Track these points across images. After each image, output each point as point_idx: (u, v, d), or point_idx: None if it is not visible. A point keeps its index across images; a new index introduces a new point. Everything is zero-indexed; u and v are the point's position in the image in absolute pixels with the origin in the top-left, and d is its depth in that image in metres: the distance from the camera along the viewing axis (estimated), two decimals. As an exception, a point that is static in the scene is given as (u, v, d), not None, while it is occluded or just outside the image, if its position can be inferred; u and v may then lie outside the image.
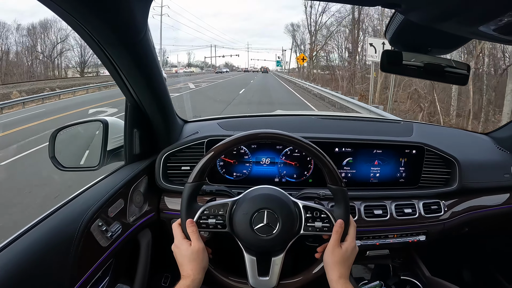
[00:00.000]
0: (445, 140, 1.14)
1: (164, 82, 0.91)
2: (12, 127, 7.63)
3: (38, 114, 9.61)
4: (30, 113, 10.04)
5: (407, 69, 0.87)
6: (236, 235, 0.71)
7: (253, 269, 0.71)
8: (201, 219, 0.71)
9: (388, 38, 0.88)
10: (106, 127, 0.98)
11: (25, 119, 8.75)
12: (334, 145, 1.02)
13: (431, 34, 0.78)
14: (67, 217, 0.74)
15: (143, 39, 0.71)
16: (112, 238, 0.80)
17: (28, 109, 11.29)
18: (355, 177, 1.04)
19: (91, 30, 0.64)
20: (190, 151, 1.02)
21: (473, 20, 0.62)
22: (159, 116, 0.97)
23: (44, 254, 0.63)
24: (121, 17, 0.62)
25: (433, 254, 1.29)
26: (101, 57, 0.74)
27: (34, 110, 10.93)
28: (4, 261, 0.58)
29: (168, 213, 1.01)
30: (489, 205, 1.14)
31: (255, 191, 0.74)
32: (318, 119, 1.19)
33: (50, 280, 0.63)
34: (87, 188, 0.86)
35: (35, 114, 9.82)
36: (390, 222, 1.01)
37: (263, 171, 1.03)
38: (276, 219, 0.70)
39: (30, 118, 8.87)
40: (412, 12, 0.68)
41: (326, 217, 0.71)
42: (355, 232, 0.73)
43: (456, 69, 0.87)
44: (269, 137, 0.74)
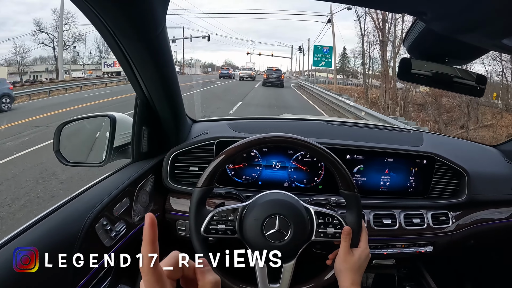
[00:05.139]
0: (454, 151, 1.13)
1: (177, 81, 0.89)
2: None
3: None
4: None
5: (419, 78, 0.87)
6: (246, 241, 0.70)
7: (263, 276, 0.69)
8: (210, 225, 0.70)
9: (407, 46, 0.87)
10: (113, 123, 0.96)
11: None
12: (346, 152, 1.01)
13: (451, 44, 0.78)
14: (72, 215, 0.72)
15: (160, 34, 0.70)
16: (116, 238, 0.79)
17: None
18: (365, 185, 1.03)
19: (108, 22, 0.62)
20: (199, 152, 1.00)
21: (498, 32, 0.62)
22: (169, 114, 0.95)
23: (46, 252, 0.61)
24: (141, 10, 0.61)
25: (439, 265, 1.28)
26: (115, 51, 0.73)
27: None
28: (6, 257, 0.57)
29: (174, 214, 0.99)
30: (496, 218, 1.14)
31: (266, 196, 0.73)
32: (328, 124, 1.18)
33: (52, 279, 0.61)
34: (92, 185, 0.84)
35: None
36: (399, 232, 1.00)
37: (273, 175, 1.02)
38: (288, 225, 0.69)
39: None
40: (436, 22, 0.68)
41: (338, 223, 0.70)
42: (367, 238, 0.72)
43: (465, 80, 0.87)
44: (283, 141, 0.73)
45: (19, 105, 10.50)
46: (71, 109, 8.66)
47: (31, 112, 8.46)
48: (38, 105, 10.35)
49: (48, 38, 24.29)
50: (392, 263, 1.09)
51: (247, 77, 24.89)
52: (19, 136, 5.77)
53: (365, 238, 0.71)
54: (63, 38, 24.12)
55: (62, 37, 23.46)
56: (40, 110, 8.86)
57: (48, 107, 9.39)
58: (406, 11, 0.67)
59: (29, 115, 7.93)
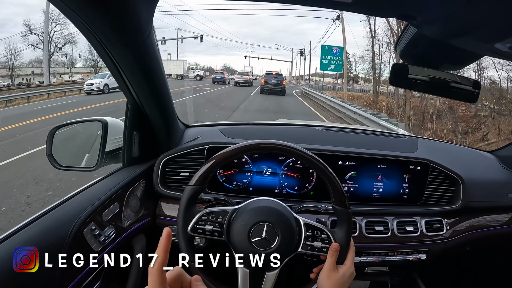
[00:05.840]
0: (449, 157, 1.12)
1: (167, 85, 0.89)
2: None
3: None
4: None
5: (415, 84, 0.86)
6: (232, 245, 0.69)
7: (244, 282, 0.69)
8: (198, 224, 0.69)
9: (399, 51, 0.86)
10: (105, 127, 0.97)
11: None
12: (338, 158, 1.00)
13: (443, 49, 0.77)
14: (60, 219, 0.72)
15: (147, 39, 0.70)
16: (105, 242, 0.79)
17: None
18: (357, 192, 1.02)
19: (93, 29, 0.63)
20: (190, 157, 1.00)
21: (490, 37, 0.61)
22: (160, 119, 0.95)
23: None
24: (125, 16, 0.61)
25: (433, 272, 1.26)
26: (103, 57, 0.73)
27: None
28: (6, 257, 0.58)
29: (165, 219, 0.99)
30: (491, 225, 1.12)
31: (257, 203, 0.72)
32: (323, 130, 1.17)
33: (39, 282, 0.62)
34: (82, 190, 0.84)
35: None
36: (391, 239, 0.98)
37: (264, 182, 1.01)
38: (276, 234, 0.68)
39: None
40: (427, 26, 0.67)
41: (326, 238, 0.69)
42: (354, 257, 0.71)
43: (463, 85, 0.86)
44: (283, 150, 0.72)
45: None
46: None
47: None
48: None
49: (38, 40, 23.22)
50: (385, 271, 1.08)
51: (242, 82, 22.37)
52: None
53: (351, 256, 0.70)
54: (53, 40, 23.39)
55: (48, 39, 22.25)
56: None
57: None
58: (394, 16, 0.67)
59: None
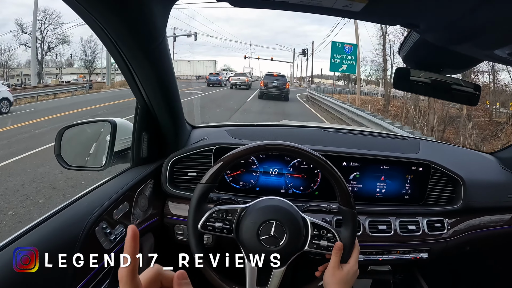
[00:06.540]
0: (450, 158, 1.14)
1: (176, 88, 0.91)
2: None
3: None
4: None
5: (417, 86, 0.88)
6: (241, 242, 0.71)
7: (252, 278, 0.71)
8: (208, 221, 0.71)
9: (402, 55, 0.89)
10: (114, 128, 0.98)
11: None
12: (342, 159, 1.02)
13: (445, 54, 0.79)
14: (72, 218, 0.74)
15: (160, 44, 0.72)
16: (115, 241, 0.80)
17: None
18: (361, 192, 1.04)
19: (109, 31, 0.64)
20: (197, 158, 1.02)
21: (490, 43, 0.64)
22: (169, 121, 0.97)
23: (46, 252, 0.62)
24: (141, 21, 0.63)
25: (434, 271, 1.28)
26: (116, 58, 0.75)
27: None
28: (6, 257, 0.58)
29: (172, 219, 1.00)
30: (492, 225, 1.14)
31: (266, 201, 0.74)
32: (327, 131, 1.19)
33: (51, 281, 0.63)
34: (92, 189, 0.86)
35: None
36: (394, 238, 1.00)
37: (270, 182, 1.03)
38: (284, 232, 0.70)
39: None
40: (430, 33, 0.69)
41: (332, 237, 0.72)
42: (358, 256, 0.73)
43: (464, 88, 0.89)
44: (291, 151, 0.75)
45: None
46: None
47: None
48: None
49: (31, 39, 21.53)
50: (388, 269, 1.10)
51: (240, 84, 19.89)
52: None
53: (355, 255, 0.73)
54: (46, 40, 22.80)
55: (36, 39, 20.97)
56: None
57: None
58: (399, 23, 0.69)
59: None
